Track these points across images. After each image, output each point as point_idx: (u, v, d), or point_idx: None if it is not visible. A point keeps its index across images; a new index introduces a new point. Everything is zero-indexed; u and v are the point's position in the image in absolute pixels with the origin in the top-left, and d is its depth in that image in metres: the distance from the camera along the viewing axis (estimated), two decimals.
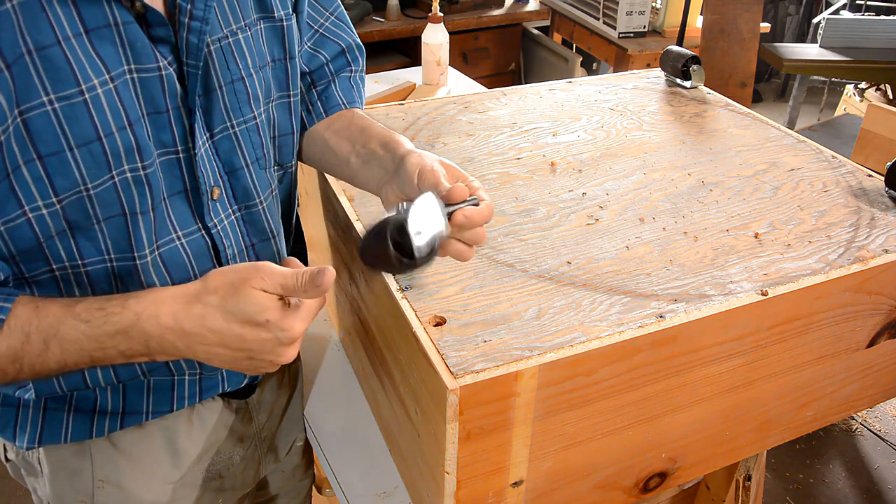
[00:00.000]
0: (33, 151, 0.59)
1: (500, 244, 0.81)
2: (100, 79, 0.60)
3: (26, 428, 0.75)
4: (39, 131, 0.58)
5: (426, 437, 0.69)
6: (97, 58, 0.60)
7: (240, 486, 0.92)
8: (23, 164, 0.59)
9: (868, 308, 0.83)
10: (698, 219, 0.87)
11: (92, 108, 0.60)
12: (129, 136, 0.63)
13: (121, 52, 0.62)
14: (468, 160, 1.00)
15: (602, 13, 2.82)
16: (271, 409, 0.94)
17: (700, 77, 1.27)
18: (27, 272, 0.66)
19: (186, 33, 0.66)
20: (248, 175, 0.76)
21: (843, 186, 0.96)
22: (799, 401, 0.88)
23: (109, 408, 0.76)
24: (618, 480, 0.79)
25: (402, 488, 0.89)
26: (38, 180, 0.60)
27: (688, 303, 0.72)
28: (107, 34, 0.60)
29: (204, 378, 0.80)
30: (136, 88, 0.63)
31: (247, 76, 0.73)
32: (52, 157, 0.60)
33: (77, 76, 0.59)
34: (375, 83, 2.02)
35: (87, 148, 0.61)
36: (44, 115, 0.58)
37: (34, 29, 0.56)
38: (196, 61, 0.67)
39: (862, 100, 3.09)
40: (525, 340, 0.66)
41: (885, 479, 1.99)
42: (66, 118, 0.59)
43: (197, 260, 0.73)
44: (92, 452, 0.79)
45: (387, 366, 0.81)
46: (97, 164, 0.62)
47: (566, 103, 1.19)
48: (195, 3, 0.65)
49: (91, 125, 0.60)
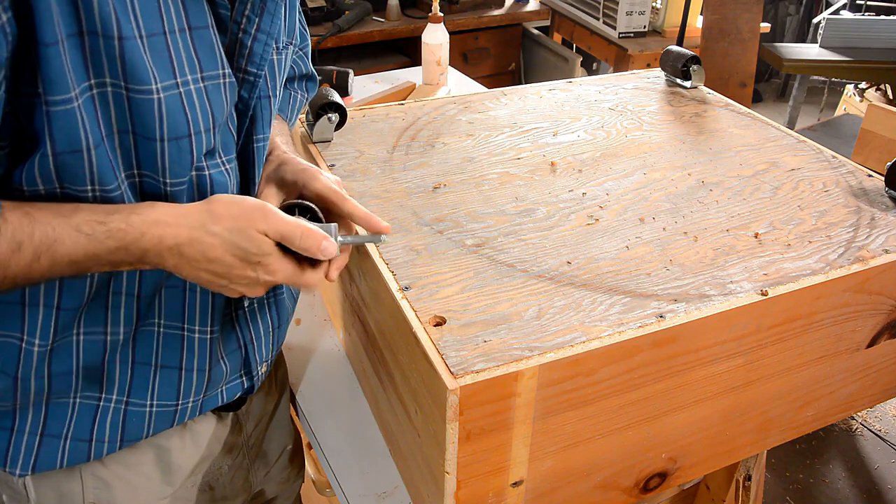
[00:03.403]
0: (130, 124, 0.60)
1: (500, 244, 0.81)
2: (193, 76, 0.62)
3: (20, 454, 0.72)
4: (140, 112, 0.60)
5: (426, 437, 0.69)
6: (195, 55, 0.63)
7: (230, 495, 0.91)
8: (117, 134, 0.60)
9: (868, 308, 0.83)
10: (698, 219, 0.87)
11: (185, 105, 0.62)
12: (212, 138, 0.66)
13: (217, 53, 0.65)
14: (468, 160, 1.00)
15: (602, 13, 2.82)
16: (259, 417, 0.93)
17: (700, 77, 1.27)
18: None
19: (252, 42, 0.68)
20: (253, 192, 0.77)
21: (843, 186, 0.96)
22: (799, 401, 0.88)
23: (107, 437, 0.74)
24: (618, 480, 0.79)
25: (402, 488, 0.89)
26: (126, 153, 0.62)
27: (688, 303, 0.72)
28: (206, 35, 0.63)
29: (205, 400, 0.79)
30: (224, 90, 0.66)
31: (273, 96, 0.75)
32: (147, 141, 0.62)
33: (175, 69, 0.61)
34: (375, 83, 2.02)
35: (177, 143, 0.63)
36: (146, 100, 0.60)
37: (147, 15, 0.58)
38: (259, 70, 0.70)
39: (862, 100, 3.09)
40: (525, 340, 0.66)
41: (885, 479, 1.99)
42: (167, 108, 0.61)
43: None
44: (83, 475, 0.76)
45: (387, 366, 0.81)
46: (182, 161, 0.64)
47: (566, 103, 1.19)
48: (264, 17, 0.68)
49: (185, 121, 0.62)
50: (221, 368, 0.79)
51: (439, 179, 0.94)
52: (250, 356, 0.82)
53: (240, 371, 0.82)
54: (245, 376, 0.83)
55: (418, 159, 1.00)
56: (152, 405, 0.75)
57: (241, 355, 0.81)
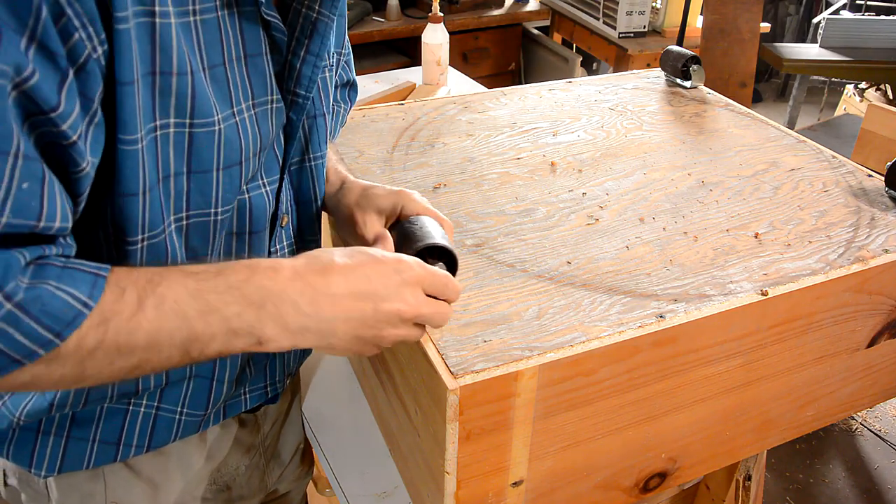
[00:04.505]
0: (185, 165, 0.58)
1: (500, 244, 0.81)
2: (246, 104, 0.62)
3: (45, 456, 0.70)
4: (199, 146, 0.58)
5: (426, 437, 0.69)
6: (248, 83, 0.62)
7: (247, 494, 0.91)
8: (173, 176, 0.58)
9: (868, 308, 0.83)
10: (698, 219, 0.87)
11: (240, 133, 0.61)
12: (257, 162, 0.65)
13: (268, 79, 0.64)
14: (468, 160, 1.00)
15: (602, 13, 2.82)
16: (275, 418, 0.94)
17: (700, 77, 1.27)
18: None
19: (301, 65, 0.67)
20: (314, 209, 0.78)
21: (843, 186, 0.96)
22: (799, 401, 0.88)
23: (135, 441, 0.73)
24: (618, 480, 0.79)
25: (402, 488, 0.89)
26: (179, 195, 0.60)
27: (688, 303, 0.72)
28: (259, 62, 0.63)
29: (229, 406, 0.79)
30: (271, 115, 0.65)
31: (327, 113, 0.75)
32: (201, 174, 0.60)
33: (232, 98, 0.60)
34: (375, 83, 2.02)
35: (229, 171, 0.61)
36: (207, 134, 0.58)
37: (210, 47, 0.57)
38: (307, 93, 0.69)
39: (862, 100, 3.09)
40: (525, 340, 0.66)
41: (885, 479, 1.99)
42: (225, 139, 0.60)
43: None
44: (105, 475, 0.76)
45: (387, 366, 0.81)
46: (233, 188, 0.63)
47: (566, 103, 1.19)
48: (314, 38, 0.67)
49: (238, 149, 0.61)
50: (247, 377, 0.79)
51: (439, 179, 0.94)
52: (276, 367, 0.83)
53: (265, 381, 0.83)
54: (269, 386, 0.83)
55: (418, 159, 1.00)
56: (182, 413, 0.74)
57: (269, 366, 0.82)
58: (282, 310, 0.54)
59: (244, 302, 0.53)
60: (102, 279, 0.50)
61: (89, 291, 0.49)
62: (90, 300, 0.49)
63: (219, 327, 0.53)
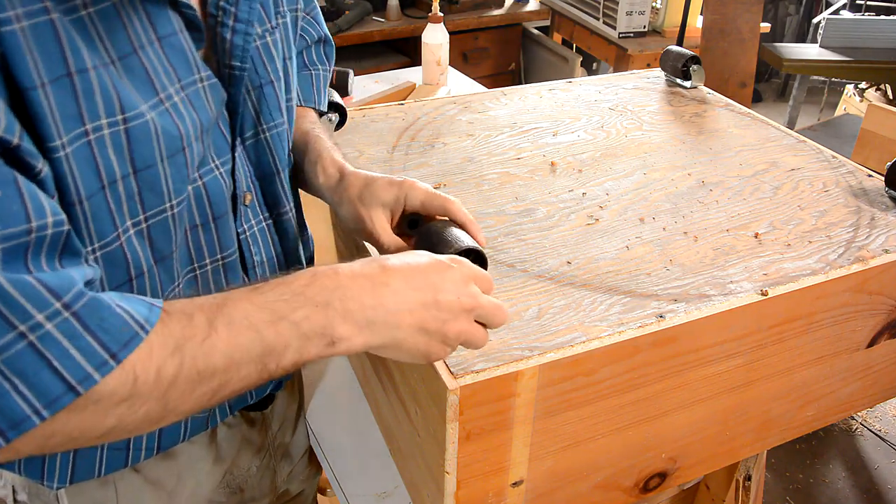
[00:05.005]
0: (129, 165, 0.56)
1: (500, 244, 0.81)
2: (174, 87, 0.59)
3: (56, 468, 0.69)
4: (138, 142, 0.56)
5: (426, 437, 0.69)
6: (170, 65, 0.59)
7: (259, 496, 0.90)
8: (120, 180, 0.56)
9: (868, 308, 0.83)
10: (698, 219, 0.87)
11: (175, 119, 0.59)
12: (202, 145, 0.62)
13: (190, 57, 0.61)
14: (468, 160, 1.00)
15: (602, 13, 2.82)
16: (283, 418, 0.93)
17: (700, 77, 1.27)
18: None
19: (231, 35, 0.65)
20: (278, 181, 0.76)
21: (843, 186, 0.96)
22: (799, 401, 0.88)
23: (144, 444, 0.72)
24: (618, 480, 0.79)
25: (402, 488, 0.89)
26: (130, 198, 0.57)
27: (688, 303, 0.72)
28: (175, 42, 0.59)
29: (234, 400, 0.78)
30: (206, 94, 0.63)
31: (275, 80, 0.72)
32: (146, 171, 0.57)
33: (155, 85, 0.57)
34: (375, 83, 2.02)
35: (174, 160, 0.59)
36: (142, 126, 0.56)
37: (113, 37, 0.54)
38: (243, 64, 0.66)
39: (862, 100, 3.09)
40: (525, 340, 0.66)
41: (885, 479, 1.98)
42: (162, 129, 0.57)
43: (227, 272, 0.72)
44: (116, 482, 0.75)
45: (387, 366, 0.81)
46: (181, 177, 0.60)
47: (566, 103, 1.19)
48: (239, 5, 0.64)
49: (178, 135, 0.59)
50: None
51: (439, 179, 0.94)
52: None
53: None
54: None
55: (418, 159, 1.00)
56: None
57: None
58: (347, 305, 0.54)
59: (310, 304, 0.53)
60: (158, 308, 0.49)
61: (146, 314, 0.48)
62: (146, 323, 0.48)
63: (290, 334, 0.52)
